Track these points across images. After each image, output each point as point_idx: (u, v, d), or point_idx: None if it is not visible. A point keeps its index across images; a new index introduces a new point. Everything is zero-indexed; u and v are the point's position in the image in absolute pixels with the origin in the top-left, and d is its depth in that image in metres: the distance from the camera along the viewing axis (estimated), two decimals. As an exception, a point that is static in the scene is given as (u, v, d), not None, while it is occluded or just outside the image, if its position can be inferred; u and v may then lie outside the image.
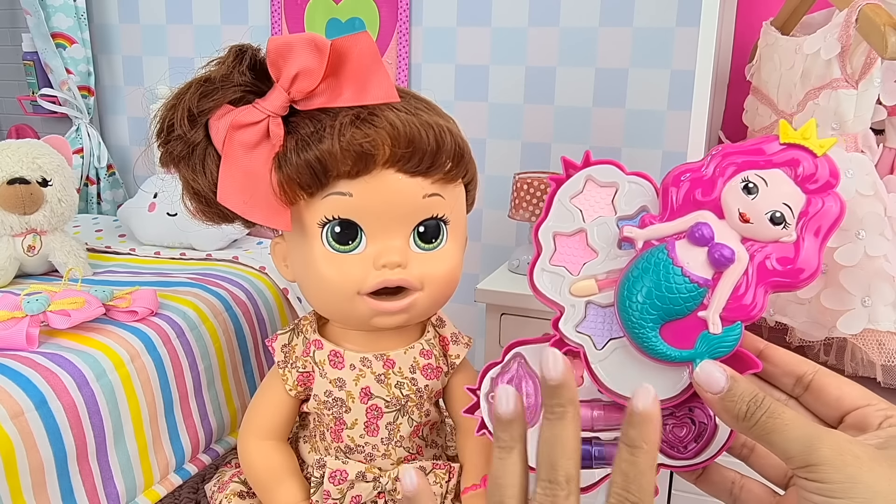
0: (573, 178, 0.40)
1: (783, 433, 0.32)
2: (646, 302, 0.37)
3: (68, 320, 0.97)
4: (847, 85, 0.80)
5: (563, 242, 0.41)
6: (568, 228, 0.40)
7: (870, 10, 0.76)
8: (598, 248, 0.40)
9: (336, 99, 0.57)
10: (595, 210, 0.41)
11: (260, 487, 0.71)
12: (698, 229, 0.37)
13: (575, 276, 0.40)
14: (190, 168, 0.60)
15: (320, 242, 0.60)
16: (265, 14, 1.72)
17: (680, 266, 0.37)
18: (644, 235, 0.39)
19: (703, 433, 0.40)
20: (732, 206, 0.37)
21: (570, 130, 1.55)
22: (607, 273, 0.40)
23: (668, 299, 0.37)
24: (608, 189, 0.41)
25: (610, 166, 0.40)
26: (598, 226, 0.40)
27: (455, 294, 0.66)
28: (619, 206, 0.40)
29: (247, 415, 0.72)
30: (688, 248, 0.37)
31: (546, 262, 0.40)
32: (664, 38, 1.44)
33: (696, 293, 0.37)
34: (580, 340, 0.40)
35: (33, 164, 1.23)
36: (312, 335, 0.69)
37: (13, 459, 0.84)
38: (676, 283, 0.37)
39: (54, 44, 1.76)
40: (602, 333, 0.40)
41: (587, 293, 0.40)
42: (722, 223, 0.38)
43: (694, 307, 0.37)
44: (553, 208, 0.40)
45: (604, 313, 0.40)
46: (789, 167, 0.37)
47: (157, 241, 1.48)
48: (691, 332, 0.37)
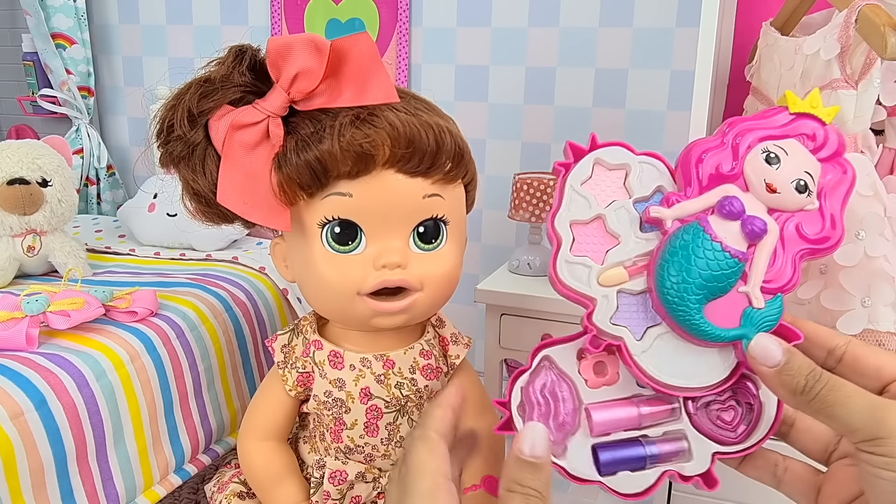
0: (581, 162, 0.39)
1: (846, 406, 0.31)
2: (688, 282, 0.36)
3: (68, 321, 0.97)
4: (847, 85, 0.80)
5: (581, 231, 0.38)
6: (584, 216, 0.38)
7: (869, 10, 0.76)
8: (619, 233, 0.38)
9: (336, 99, 0.57)
10: (608, 194, 0.39)
11: (260, 488, 0.71)
12: (729, 203, 0.36)
13: (601, 266, 0.38)
14: (190, 168, 0.60)
15: (320, 243, 0.60)
16: (265, 14, 1.72)
17: (719, 241, 0.36)
18: (673, 214, 0.37)
19: (751, 414, 0.39)
20: (758, 178, 0.37)
21: (570, 131, 1.55)
22: (634, 259, 0.38)
23: (710, 276, 0.36)
24: (618, 172, 0.39)
25: (618, 147, 0.39)
26: (615, 210, 0.38)
27: (455, 294, 0.66)
28: (632, 188, 0.39)
29: (246, 415, 0.72)
30: (720, 222, 0.37)
31: (567, 253, 0.38)
32: (664, 38, 1.44)
33: (737, 267, 0.36)
34: (618, 333, 0.38)
35: (33, 164, 1.23)
36: (312, 335, 0.69)
37: (13, 460, 0.84)
38: (718, 258, 0.36)
39: (54, 44, 1.76)
40: (639, 323, 0.38)
41: (617, 282, 0.38)
42: (748, 195, 0.37)
43: (735, 282, 0.36)
44: (565, 196, 0.38)
45: (637, 301, 0.38)
46: (804, 136, 0.38)
47: (157, 241, 1.48)
48: (734, 309, 0.37)
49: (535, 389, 0.39)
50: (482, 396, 0.73)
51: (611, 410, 0.38)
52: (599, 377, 0.39)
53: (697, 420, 0.39)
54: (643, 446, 0.38)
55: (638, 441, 0.38)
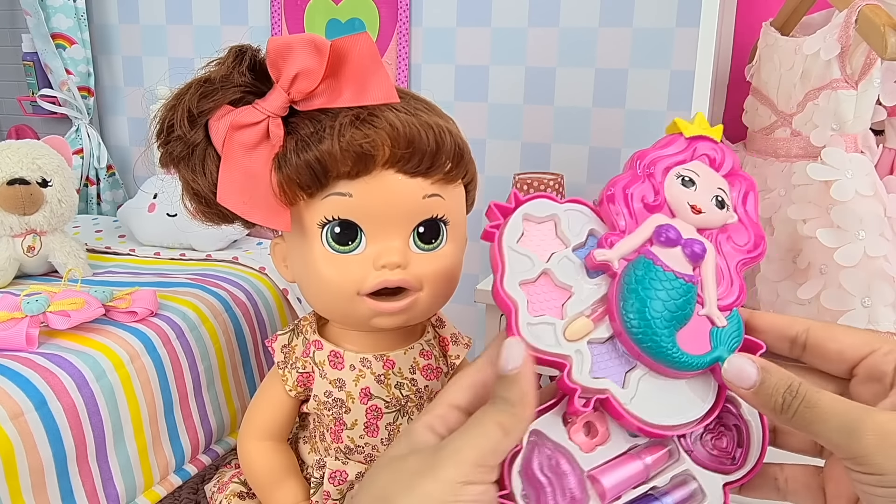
0: (510, 221, 0.37)
1: (825, 423, 0.30)
2: (654, 316, 0.35)
3: (68, 321, 0.97)
4: (847, 85, 0.81)
5: (531, 290, 0.37)
6: (531, 275, 0.37)
7: (869, 10, 0.76)
8: (569, 284, 0.37)
9: (336, 99, 0.57)
10: (545, 248, 0.38)
11: (260, 488, 0.71)
12: (665, 231, 0.37)
13: (563, 320, 0.36)
14: (190, 169, 0.60)
15: (320, 243, 0.60)
16: (265, 14, 1.72)
17: (670, 270, 0.36)
18: (617, 255, 0.37)
19: (741, 435, 0.38)
20: (680, 202, 0.38)
21: (570, 131, 1.55)
22: (592, 306, 0.37)
23: (674, 306, 0.36)
24: (548, 223, 0.38)
25: (541, 200, 0.38)
26: (558, 262, 0.37)
27: (455, 294, 0.66)
28: (566, 236, 0.38)
29: (246, 415, 0.72)
30: (663, 251, 0.37)
31: (527, 315, 0.36)
32: (664, 38, 1.44)
33: (693, 291, 0.37)
34: (602, 385, 0.36)
35: (33, 164, 1.23)
36: (312, 336, 0.69)
37: (13, 460, 0.84)
38: (675, 286, 0.36)
39: (54, 44, 1.76)
40: (617, 370, 0.37)
41: (584, 332, 0.36)
42: (677, 221, 0.38)
43: (694, 307, 0.37)
44: (506, 258, 0.37)
45: (607, 349, 0.37)
46: (705, 156, 0.39)
47: (157, 241, 1.48)
48: (701, 333, 0.37)
49: (535, 470, 0.36)
50: (482, 396, 0.73)
51: (617, 471, 0.37)
52: (591, 439, 0.37)
53: (697, 456, 0.38)
54: (658, 499, 0.37)
55: (651, 496, 0.37)
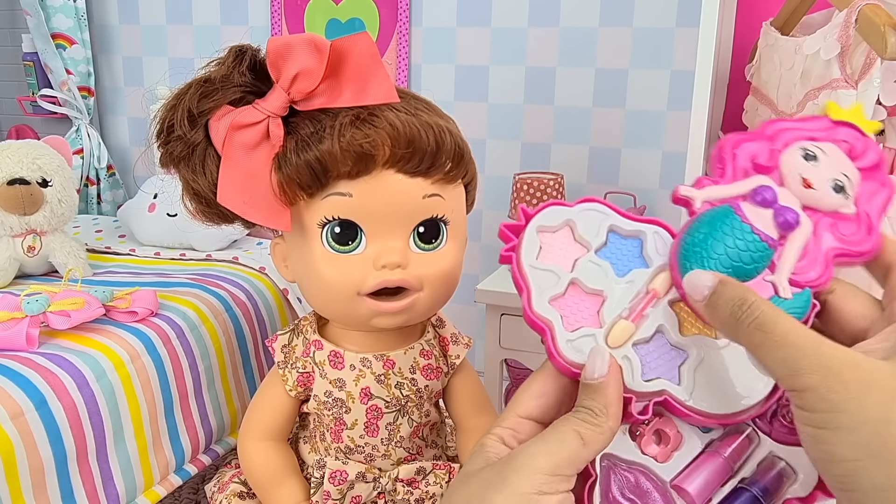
0: (525, 238, 0.36)
1: (770, 351, 0.29)
2: (712, 256, 0.34)
3: (68, 321, 0.97)
4: (847, 85, 0.81)
5: (563, 304, 0.35)
6: (559, 289, 0.35)
7: (869, 10, 0.76)
8: (599, 288, 0.36)
9: (336, 99, 0.57)
10: (567, 256, 0.36)
11: (260, 488, 0.71)
12: (762, 192, 0.35)
13: (603, 328, 0.35)
14: (190, 169, 0.60)
15: (320, 243, 0.60)
16: (265, 14, 1.72)
17: (749, 223, 0.34)
18: (703, 196, 0.35)
19: None
20: (793, 173, 0.35)
21: (570, 131, 1.55)
22: (629, 306, 0.35)
23: (737, 256, 0.34)
24: (564, 230, 0.37)
25: (552, 207, 0.36)
26: (583, 269, 0.36)
27: (455, 294, 0.66)
28: (585, 240, 0.37)
29: (247, 415, 0.72)
30: (753, 209, 0.35)
31: (563, 332, 0.34)
32: (664, 38, 1.44)
33: (766, 253, 0.34)
34: (658, 387, 0.34)
35: (33, 164, 1.23)
36: (312, 336, 0.69)
37: (13, 460, 0.84)
38: (746, 240, 0.34)
39: (54, 44, 1.76)
40: (669, 367, 0.35)
41: (627, 336, 0.35)
42: (782, 189, 0.35)
43: (762, 268, 0.35)
44: (529, 278, 0.35)
45: (654, 347, 0.35)
46: (843, 142, 0.36)
47: (157, 241, 1.48)
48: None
49: (616, 496, 0.35)
50: (482, 396, 0.73)
51: (699, 474, 0.35)
52: (664, 447, 0.36)
53: (777, 434, 0.36)
54: (749, 490, 0.35)
55: (742, 489, 0.35)
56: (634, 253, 0.37)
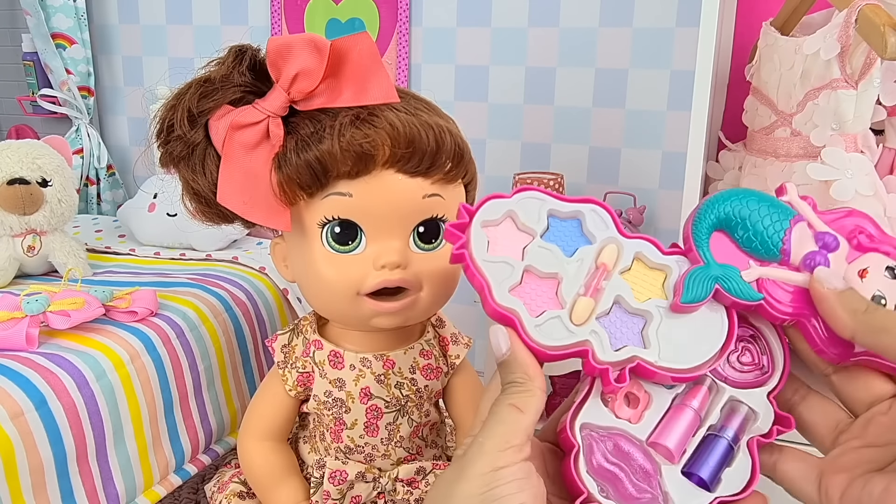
0: (472, 235, 0.37)
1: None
2: (739, 204, 0.37)
3: (68, 321, 0.97)
4: (847, 85, 0.81)
5: (522, 293, 0.36)
6: (515, 278, 0.36)
7: (869, 10, 0.76)
8: (553, 272, 0.37)
9: (336, 99, 0.57)
10: (515, 246, 0.37)
11: (260, 488, 0.71)
12: (829, 237, 0.37)
13: (565, 308, 0.36)
14: (190, 168, 0.60)
15: (320, 243, 0.60)
16: (265, 14, 1.72)
17: (790, 229, 0.37)
18: (795, 199, 0.38)
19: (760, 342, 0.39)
20: (866, 262, 0.38)
21: (570, 131, 1.55)
22: (584, 284, 0.37)
23: (753, 223, 0.37)
24: (506, 222, 0.38)
25: (491, 201, 0.37)
26: (534, 255, 0.37)
27: (455, 294, 0.66)
28: (528, 227, 0.37)
29: (246, 415, 0.72)
30: (806, 235, 0.37)
31: (529, 317, 0.35)
32: (664, 38, 1.44)
33: (773, 252, 0.37)
34: (628, 354, 0.36)
35: (33, 164, 1.23)
36: (312, 335, 0.69)
37: (13, 460, 0.84)
38: (775, 228, 0.37)
39: (54, 44, 1.76)
40: (632, 334, 0.37)
41: (589, 310, 0.36)
42: (843, 259, 0.38)
43: (757, 254, 0.37)
44: (486, 271, 0.36)
45: (615, 317, 0.37)
46: None
47: (157, 241, 1.48)
48: (731, 262, 0.37)
49: (602, 462, 0.36)
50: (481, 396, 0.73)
51: (673, 428, 0.37)
52: (636, 408, 0.37)
53: (732, 379, 0.38)
54: (718, 437, 0.37)
55: (713, 436, 0.37)
56: (576, 232, 0.38)
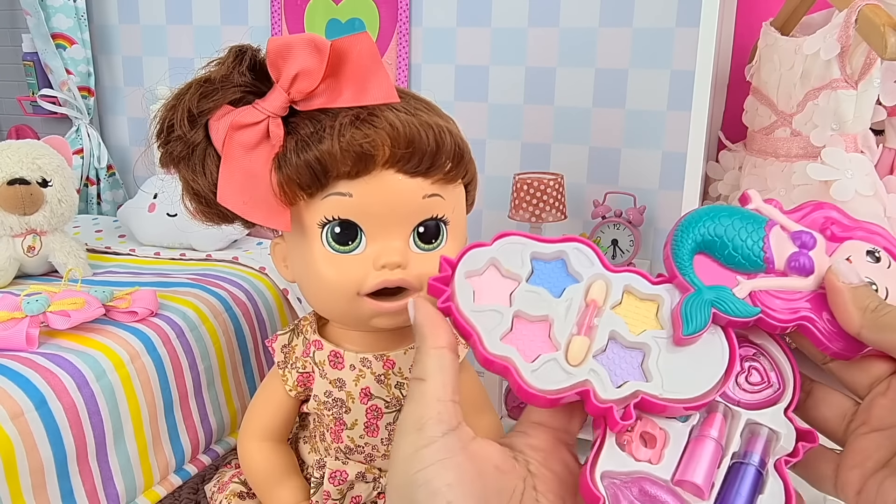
0: (457, 287, 0.35)
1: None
2: (713, 222, 0.36)
3: (68, 321, 0.97)
4: (847, 85, 0.81)
5: (514, 339, 0.35)
6: (505, 326, 0.35)
7: (869, 10, 0.76)
8: (543, 315, 0.36)
9: (336, 99, 0.57)
10: (502, 293, 0.36)
11: (260, 488, 0.71)
12: (805, 235, 0.36)
13: (560, 350, 0.35)
14: (190, 169, 0.60)
15: (320, 243, 0.60)
16: (265, 14, 1.72)
17: (766, 233, 0.36)
18: (759, 203, 0.37)
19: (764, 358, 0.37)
20: (847, 251, 0.37)
21: (570, 131, 1.55)
22: (576, 323, 0.36)
23: (731, 237, 0.36)
24: (490, 270, 0.37)
25: (472, 251, 0.36)
26: (522, 300, 0.36)
27: (455, 294, 0.66)
28: (513, 273, 0.36)
29: (246, 415, 0.72)
30: (782, 238, 0.36)
31: (524, 364, 0.34)
32: (664, 38, 1.44)
33: (756, 262, 0.36)
34: (631, 390, 0.34)
35: (33, 164, 1.23)
36: (312, 336, 0.69)
37: (13, 460, 0.84)
38: (753, 238, 0.36)
39: (54, 44, 1.76)
40: (631, 368, 0.35)
41: (585, 349, 0.35)
42: (823, 255, 0.36)
43: (741, 268, 0.36)
44: (475, 322, 0.35)
45: (612, 353, 0.36)
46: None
47: (157, 241, 1.48)
48: (719, 282, 0.36)
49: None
50: (482, 396, 0.73)
51: (697, 463, 0.35)
52: (654, 448, 0.36)
53: (746, 402, 0.37)
54: (745, 464, 0.35)
55: (738, 464, 0.35)
56: (562, 273, 0.37)
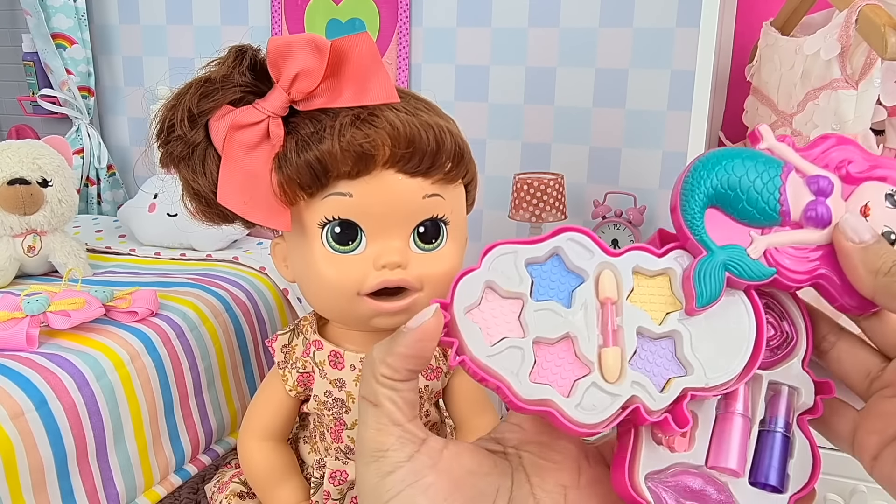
0: (462, 331, 0.32)
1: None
2: (725, 173, 0.32)
3: (68, 321, 0.97)
4: (847, 85, 0.81)
5: (543, 374, 0.32)
6: (529, 361, 0.32)
7: (870, 10, 0.76)
8: (563, 332, 0.32)
9: (336, 99, 0.57)
10: (510, 320, 0.32)
11: (260, 488, 0.71)
12: (821, 181, 0.33)
13: (594, 371, 0.32)
14: (190, 168, 0.60)
15: (320, 243, 0.60)
16: (265, 14, 1.72)
17: (783, 183, 0.33)
18: (772, 142, 0.34)
19: (777, 308, 0.35)
20: (865, 197, 0.34)
21: (570, 131, 1.55)
22: (600, 333, 0.33)
23: (745, 189, 0.33)
24: (488, 295, 0.33)
25: (462, 280, 0.32)
26: (534, 322, 0.32)
27: (455, 294, 0.66)
28: (513, 291, 0.33)
29: (247, 415, 0.72)
30: (799, 185, 0.33)
31: (564, 399, 0.31)
32: (664, 38, 1.44)
33: (771, 215, 0.33)
34: (678, 391, 0.32)
35: (33, 164, 1.23)
36: (312, 336, 0.69)
37: (13, 460, 0.84)
38: (768, 190, 0.33)
39: (54, 44, 1.76)
40: (669, 362, 0.33)
41: (619, 362, 0.32)
42: (840, 200, 0.34)
43: (755, 222, 0.33)
44: (496, 368, 0.31)
45: (647, 353, 0.33)
46: None
47: (158, 241, 1.48)
48: (731, 238, 0.33)
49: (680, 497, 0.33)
50: (482, 396, 0.73)
51: (729, 445, 0.33)
52: (685, 436, 0.34)
53: (764, 361, 0.34)
54: (772, 432, 0.34)
55: (765, 432, 0.34)
56: (562, 272, 0.34)
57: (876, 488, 0.79)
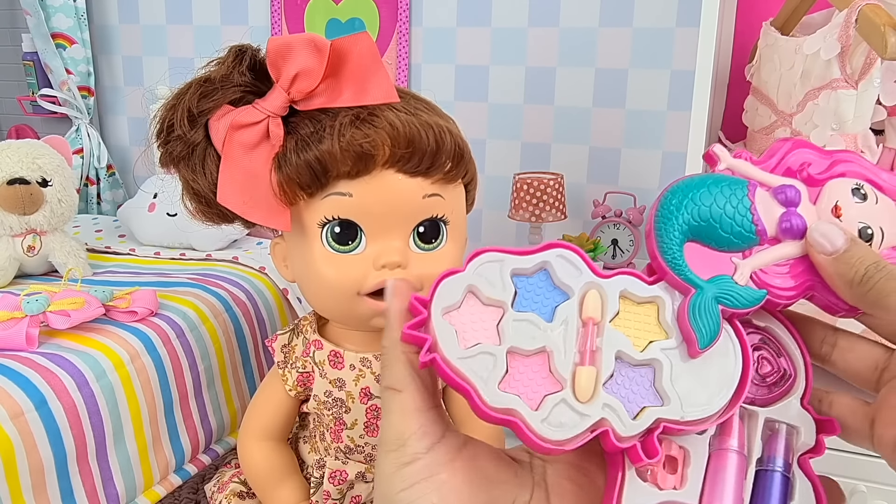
0: (438, 332, 0.31)
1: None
2: (694, 206, 0.32)
3: (68, 321, 0.97)
4: (847, 85, 0.81)
5: (513, 384, 0.31)
6: (501, 369, 0.31)
7: (869, 10, 0.76)
8: (540, 346, 0.32)
9: (336, 99, 0.57)
10: (487, 327, 0.32)
11: (260, 488, 0.71)
12: (788, 190, 0.33)
13: (566, 388, 0.31)
14: (190, 168, 0.60)
15: (320, 243, 0.60)
16: (265, 14, 1.72)
17: (752, 203, 0.32)
18: (731, 163, 0.33)
19: (772, 344, 0.34)
20: (833, 196, 0.33)
21: (570, 131, 1.55)
22: (577, 350, 0.32)
23: (719, 218, 0.32)
24: (469, 300, 0.32)
25: (445, 281, 0.32)
26: (512, 333, 0.31)
27: (455, 294, 0.66)
28: (494, 299, 0.32)
29: (246, 415, 0.72)
30: (766, 199, 0.33)
31: (531, 411, 0.30)
32: (664, 38, 1.44)
33: (749, 237, 0.32)
34: (650, 420, 0.31)
35: (33, 164, 1.23)
36: (312, 335, 0.69)
37: (13, 460, 0.84)
38: (739, 212, 0.32)
39: (54, 44, 1.76)
40: (646, 391, 0.32)
41: (594, 382, 0.31)
42: (809, 204, 0.33)
43: (735, 247, 0.33)
44: (466, 371, 0.31)
45: (623, 378, 0.32)
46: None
47: (157, 241, 1.48)
48: (714, 268, 0.32)
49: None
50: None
51: (724, 485, 0.32)
52: (675, 473, 0.33)
53: (761, 398, 0.34)
54: (770, 471, 0.33)
55: (763, 471, 0.33)
56: (548, 287, 0.33)
57: (876, 488, 0.79)
